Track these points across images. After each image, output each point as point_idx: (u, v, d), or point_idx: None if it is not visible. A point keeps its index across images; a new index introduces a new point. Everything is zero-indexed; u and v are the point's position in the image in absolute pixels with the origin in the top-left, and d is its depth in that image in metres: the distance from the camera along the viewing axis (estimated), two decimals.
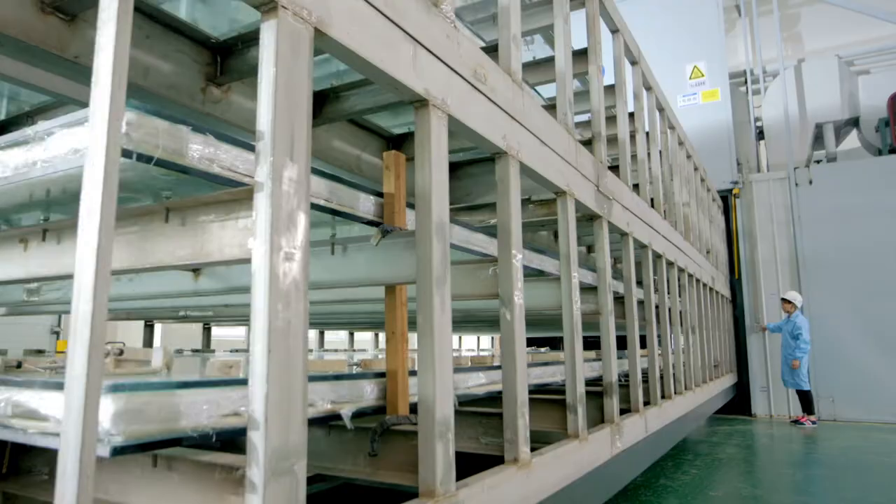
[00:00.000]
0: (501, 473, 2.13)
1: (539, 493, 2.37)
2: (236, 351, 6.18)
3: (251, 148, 1.53)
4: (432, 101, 1.92)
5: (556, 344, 11.52)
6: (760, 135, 11.13)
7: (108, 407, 1.20)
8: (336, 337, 9.38)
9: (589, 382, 3.44)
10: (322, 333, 7.86)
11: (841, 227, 9.55)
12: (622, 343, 3.92)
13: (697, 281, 6.85)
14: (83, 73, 2.21)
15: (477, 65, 2.24)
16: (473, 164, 4.00)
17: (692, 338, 6.23)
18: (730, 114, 10.56)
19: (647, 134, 5.17)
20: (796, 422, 8.82)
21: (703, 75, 10.87)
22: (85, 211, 1.05)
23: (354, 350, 7.59)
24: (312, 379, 1.68)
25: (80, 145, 1.38)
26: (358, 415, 1.86)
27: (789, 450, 6.82)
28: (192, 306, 3.87)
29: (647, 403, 4.28)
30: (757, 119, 11.14)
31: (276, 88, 1.34)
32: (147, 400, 1.28)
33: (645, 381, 4.40)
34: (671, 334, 5.19)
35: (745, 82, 11.41)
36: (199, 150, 1.43)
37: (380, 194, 2.05)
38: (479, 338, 12.16)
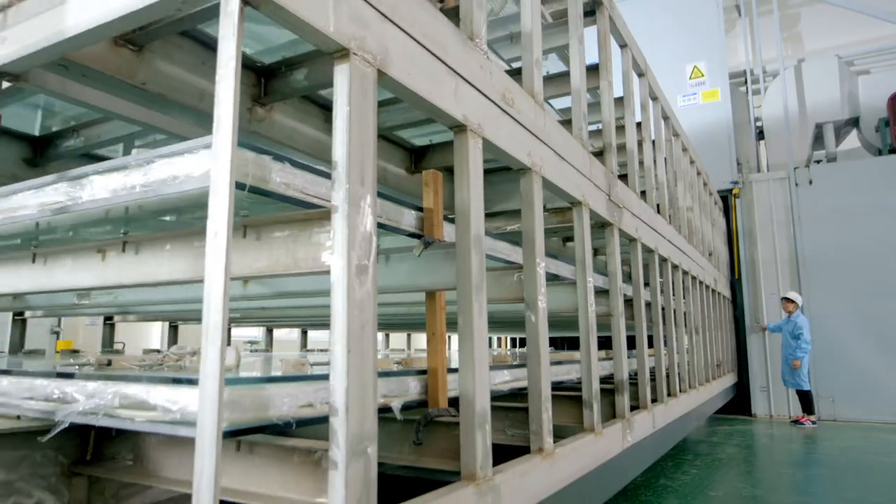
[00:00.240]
0: (529, 462, 2.36)
1: (561, 482, 2.60)
2: (254, 351, 6.43)
3: (320, 173, 1.75)
4: (470, 127, 2.15)
5: (558, 344, 11.74)
6: (760, 135, 11.20)
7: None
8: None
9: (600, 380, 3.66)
10: None
11: (841, 227, 9.63)
12: (629, 343, 4.15)
13: (700, 283, 7.08)
14: (148, 97, 2.43)
15: (505, 90, 2.47)
16: (490, 173, 4.22)
17: (696, 338, 6.46)
18: (730, 114, 10.64)
19: (653, 142, 5.41)
20: (796, 422, 8.90)
21: (703, 75, 10.92)
22: (212, 233, 1.28)
23: None
24: None
25: (179, 173, 1.61)
26: (404, 408, 2.09)
27: (789, 450, 6.85)
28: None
29: (654, 401, 4.51)
30: (757, 119, 11.21)
31: (350, 125, 1.57)
32: (243, 393, 1.51)
33: (652, 379, 4.63)
34: (676, 335, 5.42)
35: (745, 82, 11.49)
36: (279, 176, 1.66)
37: (419, 208, 2.28)
38: None
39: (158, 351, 4.89)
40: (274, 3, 1.39)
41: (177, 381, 1.51)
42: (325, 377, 1.71)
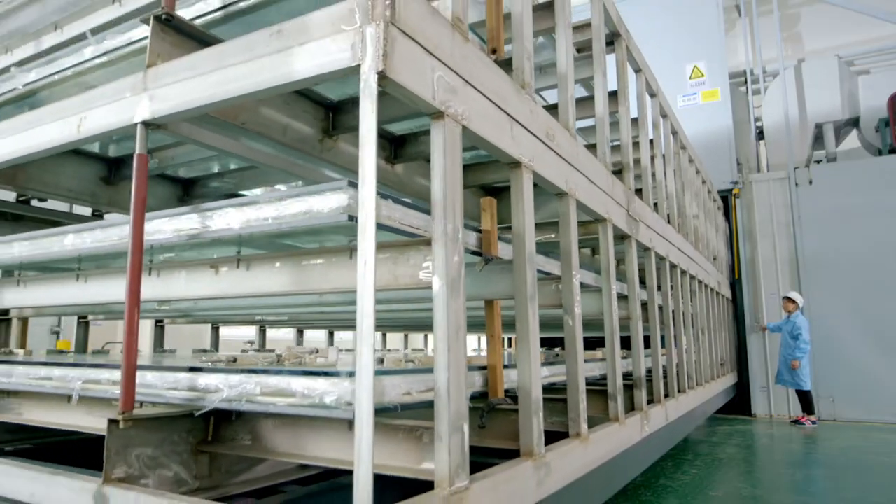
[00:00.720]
0: (570, 444, 2.81)
1: (594, 462, 3.06)
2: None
3: (412, 206, 2.19)
4: (523, 163, 2.60)
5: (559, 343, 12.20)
6: (760, 135, 11.33)
7: (350, 387, 1.88)
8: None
9: None
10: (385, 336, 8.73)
11: (841, 227, 9.74)
12: (644, 343, 4.59)
13: (706, 286, 7.54)
14: (241, 131, 2.87)
15: (548, 127, 2.92)
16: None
17: (702, 338, 6.92)
18: (730, 114, 10.77)
19: (664, 156, 5.86)
20: (796, 422, 9.02)
21: (703, 75, 11.05)
22: (362, 262, 1.72)
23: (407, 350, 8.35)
24: None
25: (310, 209, 2.06)
26: (471, 398, 2.54)
27: (789, 450, 6.93)
28: (280, 313, 4.54)
29: (666, 396, 4.96)
30: (757, 119, 11.33)
31: (445, 172, 2.02)
32: None
33: (663, 376, 5.09)
34: (685, 335, 5.87)
35: (746, 82, 11.61)
36: (384, 210, 2.10)
37: (478, 230, 2.72)
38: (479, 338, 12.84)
39: (206, 350, 5.33)
40: (397, 84, 1.83)
41: (315, 374, 1.96)
42: (419, 371, 2.16)
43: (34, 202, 4.66)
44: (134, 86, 2.41)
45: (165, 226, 2.43)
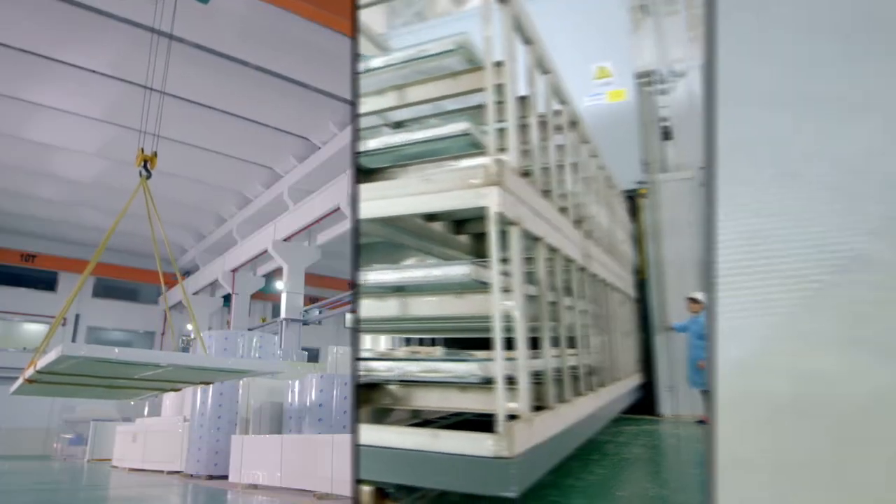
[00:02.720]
0: (564, 405, 4.95)
1: (573, 419, 5.21)
2: None
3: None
4: (541, 239, 4.70)
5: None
6: (667, 135, 11.55)
7: (474, 366, 3.91)
8: None
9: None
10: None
11: None
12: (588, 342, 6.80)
13: (629, 297, 9.94)
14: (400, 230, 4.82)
15: (552, 214, 5.04)
16: None
17: (625, 340, 9.28)
18: (636, 114, 11.08)
19: (603, 202, 8.15)
20: (701, 422, 8.90)
21: (610, 75, 11.30)
22: (495, 303, 3.76)
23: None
24: None
25: (444, 273, 4.06)
26: None
27: (696, 450, 7.15)
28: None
29: (601, 385, 7.22)
30: (664, 119, 11.52)
31: (516, 256, 4.08)
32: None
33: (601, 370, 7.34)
34: (616, 338, 8.18)
35: (652, 83, 11.76)
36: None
37: None
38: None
39: None
40: (502, 214, 3.87)
41: (456, 360, 3.99)
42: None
43: None
44: None
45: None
